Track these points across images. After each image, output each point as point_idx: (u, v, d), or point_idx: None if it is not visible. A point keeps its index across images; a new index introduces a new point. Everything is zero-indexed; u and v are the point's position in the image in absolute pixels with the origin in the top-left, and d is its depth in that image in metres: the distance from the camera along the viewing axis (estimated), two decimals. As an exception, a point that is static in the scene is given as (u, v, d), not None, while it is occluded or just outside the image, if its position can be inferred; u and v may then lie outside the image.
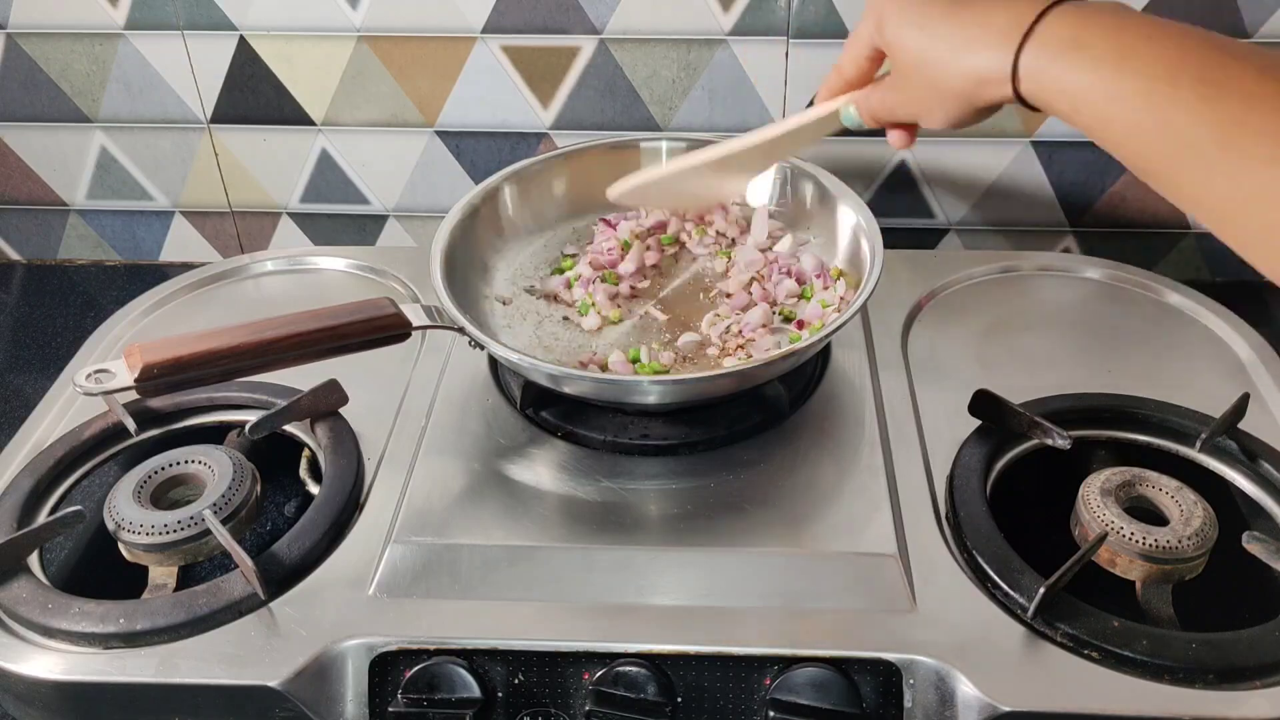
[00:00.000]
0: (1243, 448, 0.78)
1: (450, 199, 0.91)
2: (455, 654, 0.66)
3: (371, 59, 1.03)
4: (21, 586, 0.70)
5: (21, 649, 0.67)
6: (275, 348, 0.72)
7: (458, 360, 0.87)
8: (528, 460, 0.78)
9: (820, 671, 0.64)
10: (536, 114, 1.05)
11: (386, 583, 0.70)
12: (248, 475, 0.76)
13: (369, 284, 1.00)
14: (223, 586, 0.69)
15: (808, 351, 0.75)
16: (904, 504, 0.74)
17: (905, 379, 0.85)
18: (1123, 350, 0.88)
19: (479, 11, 1.00)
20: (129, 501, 0.74)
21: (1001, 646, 0.65)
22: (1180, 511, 0.71)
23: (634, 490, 0.75)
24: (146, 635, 0.67)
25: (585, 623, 0.67)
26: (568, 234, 0.96)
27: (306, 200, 1.12)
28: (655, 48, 1.00)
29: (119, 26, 1.03)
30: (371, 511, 0.75)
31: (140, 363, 0.68)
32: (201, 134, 1.09)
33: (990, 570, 0.69)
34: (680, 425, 0.79)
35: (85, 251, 1.18)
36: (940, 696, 0.64)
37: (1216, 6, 0.95)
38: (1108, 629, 0.65)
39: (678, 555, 0.70)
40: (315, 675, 0.65)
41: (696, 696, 0.65)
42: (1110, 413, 0.81)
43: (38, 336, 1.06)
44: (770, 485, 0.75)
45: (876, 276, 0.79)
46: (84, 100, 1.07)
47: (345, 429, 0.81)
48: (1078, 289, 0.97)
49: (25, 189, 1.14)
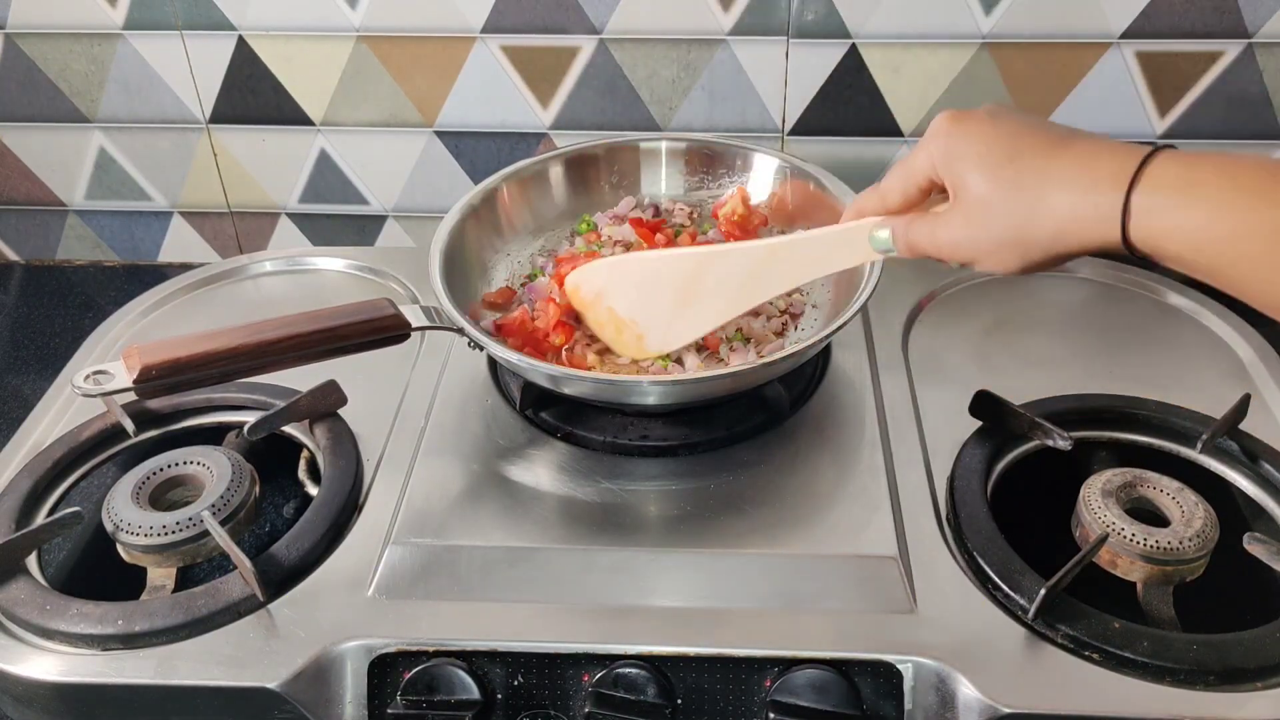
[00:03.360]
0: (1244, 449, 0.77)
1: (449, 199, 0.91)
2: (455, 655, 0.66)
3: (371, 59, 1.03)
4: (20, 588, 0.70)
5: (20, 650, 0.67)
6: (274, 349, 0.72)
7: (457, 361, 0.87)
8: (527, 461, 0.78)
9: (820, 673, 0.64)
10: (536, 114, 1.05)
11: (385, 584, 0.70)
12: (246, 476, 0.76)
13: (368, 284, 1.00)
14: (221, 588, 0.69)
15: (808, 352, 0.75)
16: (904, 505, 0.74)
17: (906, 380, 0.85)
18: (1124, 351, 0.88)
19: (478, 11, 0.99)
20: (127, 502, 0.74)
21: (1002, 648, 0.65)
22: (1181, 513, 0.71)
23: (634, 491, 0.75)
24: (145, 637, 0.67)
25: (585, 624, 0.67)
26: (567, 234, 0.96)
27: (305, 201, 1.12)
28: (655, 47, 1.00)
29: (118, 26, 1.03)
30: (370, 513, 0.75)
31: (139, 364, 0.68)
32: (200, 134, 1.09)
33: (991, 571, 0.68)
34: (680, 426, 0.79)
35: (84, 252, 1.18)
36: (941, 698, 0.63)
37: (1217, 7, 0.95)
38: (1109, 630, 0.64)
39: (678, 556, 0.70)
40: (314, 677, 0.65)
41: (696, 698, 0.65)
42: (1111, 414, 0.81)
43: (36, 337, 1.06)
44: (770, 486, 0.75)
45: (876, 277, 0.79)
46: (82, 100, 1.07)
47: (344, 430, 0.81)
48: (1079, 289, 0.97)
49: (24, 189, 1.14)
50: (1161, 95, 1.00)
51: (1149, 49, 0.97)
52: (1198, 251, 0.52)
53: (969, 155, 0.58)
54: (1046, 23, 0.97)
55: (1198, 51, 0.97)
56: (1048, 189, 0.55)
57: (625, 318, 0.78)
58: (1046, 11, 0.96)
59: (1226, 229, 0.51)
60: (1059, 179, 0.55)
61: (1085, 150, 0.55)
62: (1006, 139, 0.57)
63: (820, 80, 1.01)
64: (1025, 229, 0.57)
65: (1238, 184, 0.51)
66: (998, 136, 0.58)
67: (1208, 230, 0.51)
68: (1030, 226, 0.56)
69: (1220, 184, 0.51)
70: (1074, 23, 0.97)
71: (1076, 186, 0.55)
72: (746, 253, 0.72)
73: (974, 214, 0.58)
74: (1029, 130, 0.58)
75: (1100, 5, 0.95)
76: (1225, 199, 0.51)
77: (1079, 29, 0.97)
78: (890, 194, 0.64)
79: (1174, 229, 0.52)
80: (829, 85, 1.01)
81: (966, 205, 0.59)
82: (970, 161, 0.58)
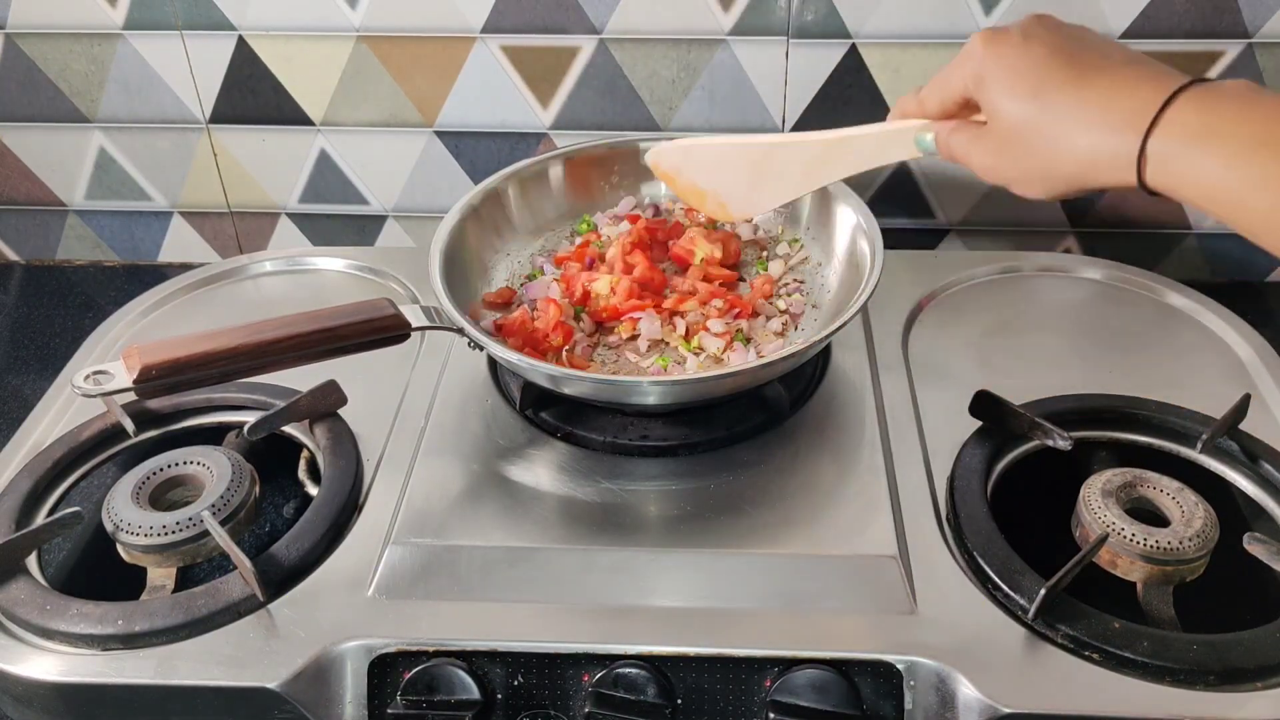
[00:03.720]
0: (1244, 449, 0.77)
1: (449, 199, 0.91)
2: (455, 655, 0.66)
3: (371, 59, 1.03)
4: (20, 588, 0.70)
5: (20, 650, 0.67)
6: (274, 349, 0.72)
7: (457, 361, 0.87)
8: (527, 461, 0.78)
9: (820, 673, 0.64)
10: (536, 114, 1.05)
11: (385, 584, 0.70)
12: (246, 476, 0.76)
13: (368, 284, 1.00)
14: (221, 588, 0.69)
15: (808, 352, 0.75)
16: (904, 505, 0.74)
17: (906, 380, 0.85)
18: (1124, 351, 0.88)
19: (478, 11, 0.99)
20: (127, 502, 0.74)
21: (1002, 648, 0.65)
22: (1181, 513, 0.71)
23: (634, 491, 0.75)
24: (145, 637, 0.67)
25: (585, 624, 0.67)
26: (567, 234, 0.96)
27: (305, 201, 1.12)
28: (655, 47, 1.00)
29: (118, 26, 1.03)
30: (370, 513, 0.75)
31: (139, 364, 0.68)
32: (200, 134, 1.09)
33: (991, 571, 0.68)
34: (680, 426, 0.79)
35: (84, 252, 1.18)
36: (941, 698, 0.63)
37: (1217, 7, 0.95)
38: (1108, 630, 0.64)
39: (678, 556, 0.70)
40: (314, 677, 0.65)
41: (696, 698, 0.65)
42: (1111, 414, 0.81)
43: (36, 337, 1.06)
44: (770, 486, 0.75)
45: (876, 277, 0.79)
46: (82, 100, 1.07)
47: (344, 430, 0.81)
48: (1079, 289, 0.97)
49: (24, 189, 1.14)
50: (1161, 95, 1.00)
51: (1149, 49, 0.97)
52: (1211, 200, 0.52)
53: (998, 84, 0.58)
54: (1047, 23, 0.97)
55: (1198, 51, 0.97)
56: (1070, 128, 0.56)
57: (706, 189, 0.82)
58: (1047, 11, 0.96)
59: (1237, 180, 0.50)
60: (1081, 119, 0.55)
61: (1109, 86, 0.55)
62: (1034, 70, 0.57)
63: (820, 80, 1.00)
64: (1050, 165, 0.57)
65: (1254, 133, 0.50)
66: (1027, 66, 0.57)
67: (1221, 180, 0.51)
68: (1055, 163, 0.57)
69: (1237, 133, 0.51)
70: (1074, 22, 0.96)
71: (1097, 128, 0.55)
72: (804, 145, 0.74)
73: (1003, 143, 0.59)
74: (1058, 59, 0.57)
75: (1100, 5, 0.95)
76: (1238, 149, 0.51)
77: (1079, 29, 0.97)
78: (929, 103, 0.65)
79: (1187, 177, 0.52)
80: (829, 85, 1.01)
81: (997, 133, 0.60)
82: (999, 90, 0.58)
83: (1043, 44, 0.58)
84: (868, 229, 0.84)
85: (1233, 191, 0.51)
